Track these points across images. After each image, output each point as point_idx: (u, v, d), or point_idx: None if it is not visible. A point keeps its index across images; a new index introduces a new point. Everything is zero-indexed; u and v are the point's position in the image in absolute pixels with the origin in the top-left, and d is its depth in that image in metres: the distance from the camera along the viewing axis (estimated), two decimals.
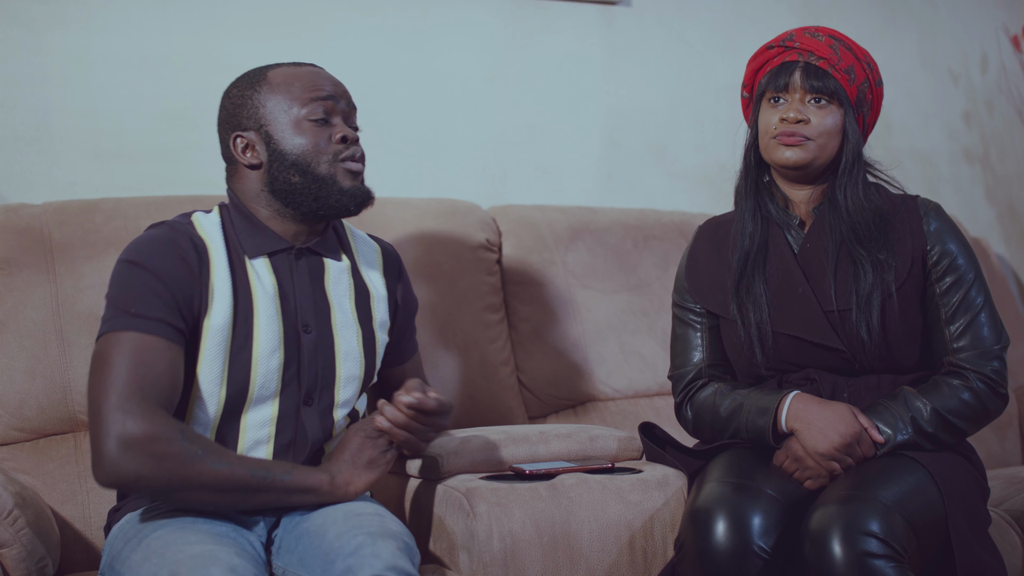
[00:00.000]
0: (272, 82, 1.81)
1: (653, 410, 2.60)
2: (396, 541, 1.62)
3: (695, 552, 1.75)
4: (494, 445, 1.96)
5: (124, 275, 1.71)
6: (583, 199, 2.94)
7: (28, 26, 2.43)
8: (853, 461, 1.86)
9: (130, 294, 1.68)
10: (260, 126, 1.79)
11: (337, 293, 1.85)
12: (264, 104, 1.80)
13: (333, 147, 1.79)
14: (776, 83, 1.96)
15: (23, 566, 1.80)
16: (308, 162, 1.78)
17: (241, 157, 1.81)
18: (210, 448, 1.63)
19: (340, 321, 1.84)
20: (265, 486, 1.66)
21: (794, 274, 1.96)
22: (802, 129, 1.93)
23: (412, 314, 2.02)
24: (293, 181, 1.78)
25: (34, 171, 2.43)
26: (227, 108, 1.83)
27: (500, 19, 2.87)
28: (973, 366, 1.91)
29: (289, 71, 1.83)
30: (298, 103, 1.79)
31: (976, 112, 3.45)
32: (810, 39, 1.97)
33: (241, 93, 1.82)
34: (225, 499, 1.65)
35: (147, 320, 1.66)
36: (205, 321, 1.73)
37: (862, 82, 1.96)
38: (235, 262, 1.78)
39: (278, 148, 1.78)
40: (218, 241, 1.78)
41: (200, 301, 1.73)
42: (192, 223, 1.80)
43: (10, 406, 2.09)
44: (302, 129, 1.78)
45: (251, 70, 1.86)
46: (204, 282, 1.73)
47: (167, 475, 1.59)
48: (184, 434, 1.61)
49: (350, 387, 1.84)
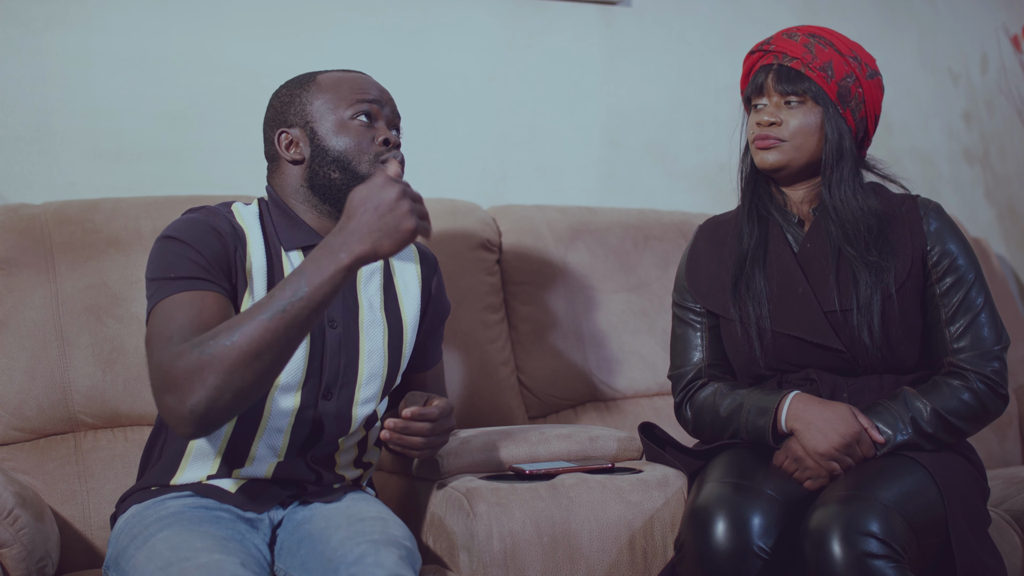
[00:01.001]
0: (321, 83, 1.85)
1: (653, 410, 2.60)
2: (398, 549, 1.62)
3: (695, 552, 1.75)
4: (494, 445, 1.96)
5: (161, 250, 1.72)
6: (583, 199, 2.94)
7: (28, 26, 2.43)
8: (853, 461, 1.86)
9: (170, 263, 1.69)
10: (306, 123, 1.83)
11: (368, 291, 1.87)
12: (311, 102, 1.84)
13: (375, 148, 1.82)
14: (754, 86, 1.99)
15: (23, 566, 1.80)
16: (350, 159, 1.80)
17: (284, 152, 1.84)
18: (229, 329, 1.54)
19: (368, 319, 1.85)
20: (297, 316, 1.54)
21: (794, 274, 1.96)
22: (775, 132, 1.95)
23: (442, 318, 2.02)
24: (333, 177, 1.80)
25: (34, 171, 2.43)
26: (275, 107, 1.87)
27: (500, 19, 2.87)
28: (973, 367, 1.91)
29: (338, 75, 1.87)
30: (344, 103, 1.83)
31: (976, 112, 3.45)
32: (785, 40, 1.98)
33: (290, 92, 1.86)
34: (281, 350, 1.55)
35: (191, 280, 1.67)
36: (245, 297, 1.75)
37: (843, 77, 1.96)
38: (271, 252, 1.81)
39: (322, 144, 1.81)
40: (256, 230, 1.81)
41: (238, 279, 1.75)
42: (232, 211, 1.83)
43: (10, 406, 2.09)
44: (346, 128, 1.82)
45: (303, 74, 1.90)
46: (241, 263, 1.76)
47: (223, 381, 1.52)
48: (198, 342, 1.54)
49: (372, 385, 1.84)
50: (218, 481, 1.76)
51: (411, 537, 1.70)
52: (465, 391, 2.45)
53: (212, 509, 1.72)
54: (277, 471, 1.78)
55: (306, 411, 1.79)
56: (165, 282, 1.67)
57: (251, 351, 1.52)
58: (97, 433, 2.14)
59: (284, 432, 1.78)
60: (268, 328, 1.53)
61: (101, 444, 2.12)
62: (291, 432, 1.78)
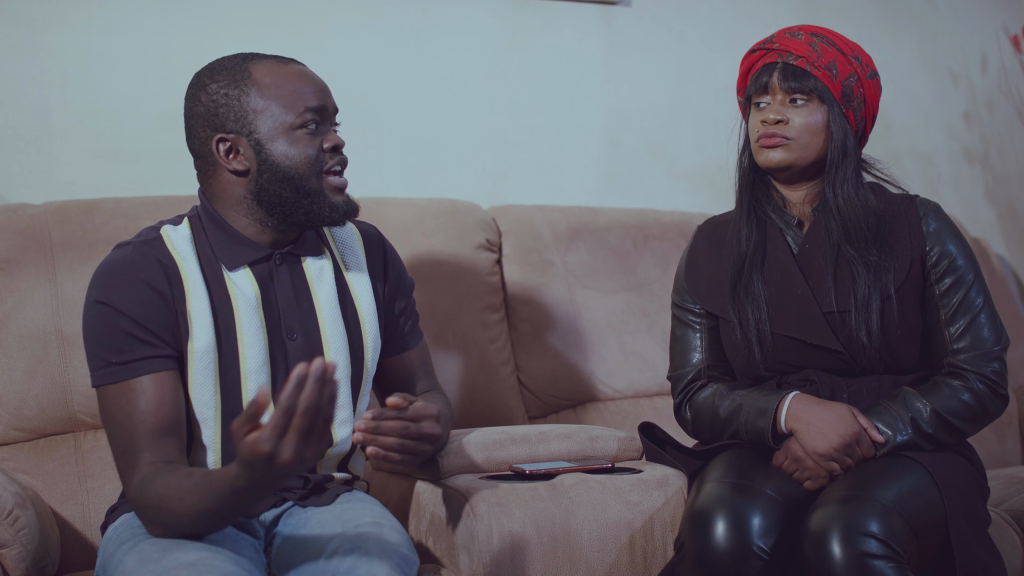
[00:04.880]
0: (260, 83, 1.72)
1: (653, 410, 2.60)
2: (392, 558, 1.59)
3: (695, 552, 1.75)
4: (494, 445, 1.96)
5: (96, 319, 1.68)
6: (583, 199, 2.94)
7: (28, 26, 2.43)
8: (853, 461, 1.86)
9: (107, 341, 1.66)
10: (249, 132, 1.71)
11: (322, 292, 1.80)
12: (253, 109, 1.71)
13: (324, 157, 1.73)
14: (757, 86, 1.98)
15: (23, 566, 1.80)
16: (298, 175, 1.71)
17: (224, 161, 1.72)
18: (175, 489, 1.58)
19: (329, 321, 1.79)
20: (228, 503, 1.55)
21: (793, 275, 1.96)
22: (782, 130, 1.94)
23: (406, 294, 1.93)
24: (284, 195, 1.72)
25: (34, 171, 2.43)
26: (206, 105, 1.73)
27: (500, 19, 2.87)
28: (973, 367, 1.91)
29: (275, 69, 1.74)
30: (290, 111, 1.71)
31: (976, 112, 3.45)
32: (789, 39, 1.98)
33: (225, 92, 1.72)
34: (226, 519, 1.60)
35: (134, 364, 1.65)
36: (188, 345, 1.70)
37: (847, 76, 1.95)
38: (211, 278, 1.73)
39: (269, 158, 1.71)
40: (190, 258, 1.73)
41: (179, 326, 1.69)
42: (161, 238, 1.74)
43: (10, 406, 2.09)
44: (294, 140, 1.71)
45: (227, 60, 1.76)
46: (180, 307, 1.69)
47: (168, 527, 1.59)
48: (145, 489, 1.59)
49: (344, 388, 1.80)
50: None
51: (408, 542, 1.68)
52: (465, 391, 2.45)
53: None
54: None
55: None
56: (105, 365, 1.66)
57: (199, 516, 1.56)
58: (97, 433, 2.14)
59: None
60: (208, 511, 1.55)
61: (101, 444, 2.12)
62: None
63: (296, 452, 1.40)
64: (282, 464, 1.40)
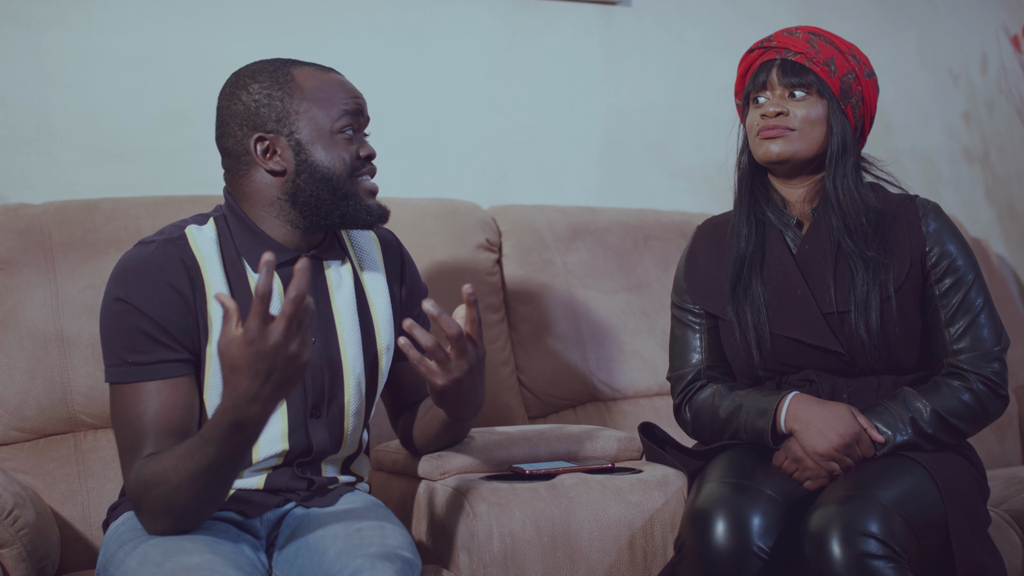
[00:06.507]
0: (303, 86, 1.75)
1: (653, 410, 2.60)
2: (395, 562, 1.59)
3: (695, 552, 1.75)
4: (494, 445, 1.96)
5: (115, 316, 1.68)
6: (583, 199, 2.94)
7: (28, 26, 2.43)
8: (852, 461, 1.86)
9: (125, 340, 1.66)
10: (290, 132, 1.73)
11: (341, 296, 1.82)
12: (296, 110, 1.73)
13: (358, 163, 1.77)
14: (756, 83, 1.98)
15: (23, 566, 1.80)
16: (338, 177, 1.74)
17: (262, 160, 1.74)
18: (168, 460, 1.58)
19: (347, 325, 1.81)
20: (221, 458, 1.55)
21: (792, 275, 1.96)
22: (783, 121, 1.94)
23: (420, 301, 1.93)
24: (321, 196, 1.74)
25: (34, 171, 2.43)
26: (246, 103, 1.74)
27: (500, 19, 2.87)
28: (973, 367, 1.91)
29: (317, 75, 1.77)
30: (331, 115, 1.75)
31: (976, 112, 3.45)
32: (787, 37, 1.98)
33: (267, 92, 1.74)
34: (223, 479, 1.58)
35: (150, 367, 1.65)
36: (207, 348, 1.70)
37: (845, 73, 1.96)
38: (234, 280, 1.74)
39: (309, 159, 1.73)
40: (214, 259, 1.73)
41: (198, 328, 1.70)
42: (185, 237, 1.74)
43: (10, 406, 2.09)
44: (334, 143, 1.74)
45: (268, 63, 1.78)
46: (200, 308, 1.70)
47: (164, 507, 1.58)
48: (141, 471, 1.59)
49: (359, 392, 1.81)
50: None
51: (410, 544, 1.68)
52: None
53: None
54: (268, 482, 1.77)
55: (296, 432, 1.76)
56: (121, 364, 1.66)
57: (194, 479, 1.55)
58: (97, 433, 2.14)
59: (276, 453, 1.75)
60: (203, 469, 1.54)
61: (101, 444, 2.12)
62: (284, 452, 1.76)
63: (294, 341, 1.43)
64: (291, 355, 1.43)
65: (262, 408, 1.47)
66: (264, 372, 1.44)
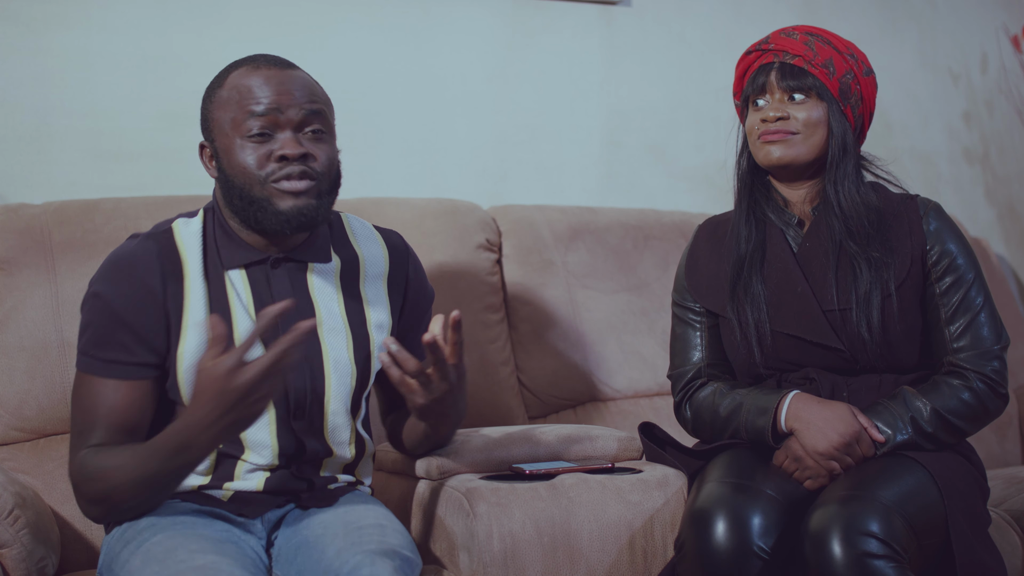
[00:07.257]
0: (222, 93, 1.73)
1: (653, 410, 2.60)
2: (394, 560, 1.59)
3: (695, 552, 1.75)
4: (494, 445, 1.96)
5: (90, 309, 1.73)
6: (583, 199, 2.94)
7: (28, 26, 2.43)
8: (853, 461, 1.86)
9: (94, 334, 1.71)
10: (212, 140, 1.75)
11: (324, 298, 1.79)
12: (213, 117, 1.73)
13: (269, 166, 1.69)
14: (755, 87, 1.98)
15: (23, 566, 1.80)
16: (244, 182, 1.70)
17: (207, 167, 1.78)
18: (114, 459, 1.64)
19: (329, 327, 1.79)
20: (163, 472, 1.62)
21: (793, 273, 1.96)
22: (784, 125, 1.94)
23: (426, 306, 1.93)
24: (236, 202, 1.72)
25: (34, 171, 2.43)
26: (201, 111, 1.79)
27: (500, 19, 2.87)
28: (973, 366, 1.91)
29: (243, 77, 1.73)
30: (239, 118, 1.70)
31: (976, 112, 3.45)
32: (785, 39, 1.98)
33: (204, 100, 1.77)
34: (162, 488, 1.65)
35: (115, 366, 1.70)
36: (179, 348, 1.71)
37: (844, 74, 1.96)
38: (212, 276, 1.74)
39: (223, 166, 1.73)
40: (195, 253, 1.74)
41: (168, 328, 1.71)
42: (171, 232, 1.76)
43: (10, 406, 2.09)
44: (242, 148, 1.70)
45: (224, 69, 1.78)
46: (174, 307, 1.71)
47: (101, 500, 1.65)
48: (86, 460, 1.65)
49: (341, 396, 1.80)
50: (211, 491, 1.75)
51: (410, 544, 1.68)
52: None
53: (206, 514, 1.70)
54: (268, 484, 1.76)
55: (284, 433, 1.76)
56: (88, 356, 1.71)
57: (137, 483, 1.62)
58: None
59: (270, 450, 1.75)
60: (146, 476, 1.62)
61: None
62: (277, 452, 1.76)
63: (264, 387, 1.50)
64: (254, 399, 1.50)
65: (212, 438, 1.55)
66: (225, 407, 1.51)
